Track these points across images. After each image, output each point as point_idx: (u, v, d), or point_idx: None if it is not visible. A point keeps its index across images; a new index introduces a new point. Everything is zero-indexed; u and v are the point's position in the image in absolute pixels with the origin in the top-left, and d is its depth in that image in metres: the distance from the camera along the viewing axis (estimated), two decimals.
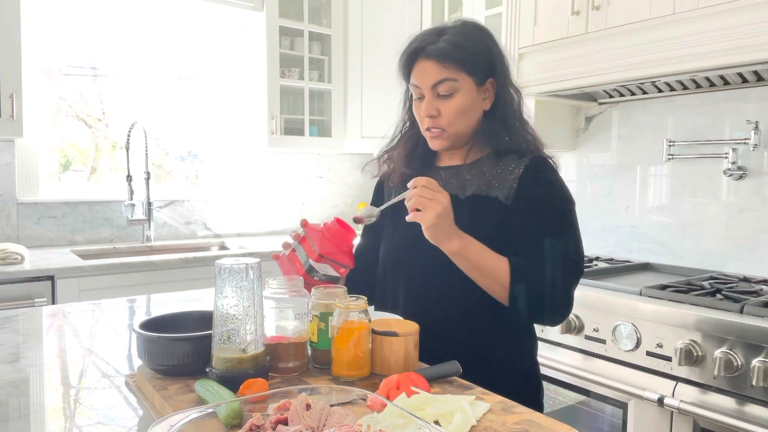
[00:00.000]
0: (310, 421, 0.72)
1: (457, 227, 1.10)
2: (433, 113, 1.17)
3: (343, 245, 1.18)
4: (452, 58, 1.14)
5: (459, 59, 1.15)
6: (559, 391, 1.88)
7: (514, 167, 1.19)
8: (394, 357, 1.01)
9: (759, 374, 1.41)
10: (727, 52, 1.66)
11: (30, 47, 2.58)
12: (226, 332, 0.93)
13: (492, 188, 1.18)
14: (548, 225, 1.14)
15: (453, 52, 1.14)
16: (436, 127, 1.19)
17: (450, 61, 1.14)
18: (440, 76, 1.15)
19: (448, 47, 1.15)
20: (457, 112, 1.17)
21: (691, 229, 2.23)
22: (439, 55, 1.15)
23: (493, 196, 1.18)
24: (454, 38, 1.16)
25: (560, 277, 1.12)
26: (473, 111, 1.19)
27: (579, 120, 2.61)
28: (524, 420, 0.84)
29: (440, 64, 1.15)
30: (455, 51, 1.14)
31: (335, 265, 1.17)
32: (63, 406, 0.93)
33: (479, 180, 1.20)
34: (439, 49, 1.15)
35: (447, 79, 1.15)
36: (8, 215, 2.61)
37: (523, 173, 1.17)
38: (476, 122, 1.21)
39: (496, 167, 1.20)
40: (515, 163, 1.19)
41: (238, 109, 3.29)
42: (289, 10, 3.13)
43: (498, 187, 1.18)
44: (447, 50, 1.14)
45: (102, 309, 1.61)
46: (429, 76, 1.16)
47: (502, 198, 1.17)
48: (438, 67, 1.15)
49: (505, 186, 1.17)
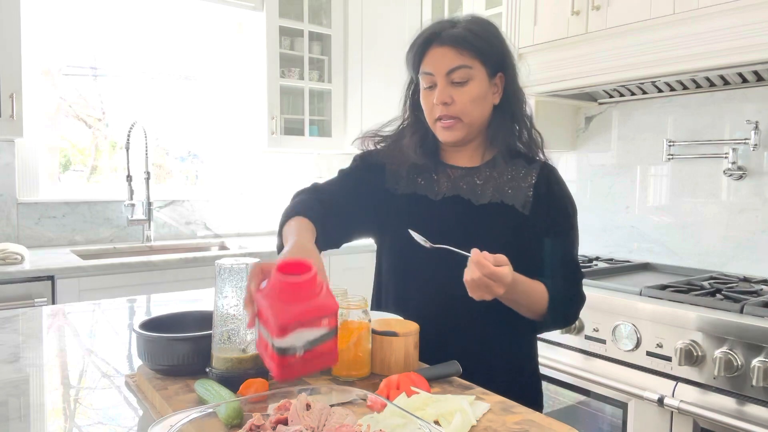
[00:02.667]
0: (310, 421, 0.72)
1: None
2: (447, 100, 1.15)
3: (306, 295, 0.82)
4: (469, 45, 1.14)
5: (475, 47, 1.14)
6: (559, 391, 1.88)
7: (525, 174, 1.21)
8: (394, 357, 1.01)
9: (759, 374, 1.41)
10: (727, 52, 1.66)
11: (30, 47, 2.58)
12: (226, 332, 0.93)
13: (506, 196, 1.19)
14: (565, 235, 1.21)
15: (470, 39, 1.14)
16: (450, 116, 1.17)
17: (466, 48, 1.14)
18: (456, 62, 1.14)
19: (465, 33, 1.14)
20: (471, 100, 1.15)
21: (691, 229, 2.23)
22: (456, 41, 1.14)
23: (509, 204, 1.19)
24: (470, 26, 1.16)
25: (576, 284, 1.21)
26: (485, 103, 1.18)
27: (579, 120, 2.61)
28: (524, 420, 0.84)
29: (456, 50, 1.14)
30: (472, 38, 1.14)
31: (311, 324, 0.82)
32: (63, 406, 0.93)
33: (491, 185, 1.20)
34: (456, 35, 1.14)
35: (463, 65, 1.14)
36: (8, 215, 2.60)
37: (536, 182, 1.20)
38: (487, 116, 1.20)
39: (505, 172, 1.21)
40: (525, 169, 1.21)
41: (238, 109, 3.29)
42: (289, 10, 3.13)
43: (512, 194, 1.19)
44: (465, 36, 1.14)
45: (102, 309, 1.61)
46: (444, 62, 1.15)
47: (518, 207, 1.19)
48: (454, 53, 1.14)
49: (520, 194, 1.19)
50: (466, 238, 1.14)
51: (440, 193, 1.23)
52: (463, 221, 1.19)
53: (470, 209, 1.19)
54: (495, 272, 0.98)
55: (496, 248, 1.10)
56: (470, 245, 1.07)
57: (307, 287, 0.83)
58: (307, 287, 0.82)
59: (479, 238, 1.15)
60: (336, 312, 0.85)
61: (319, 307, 0.82)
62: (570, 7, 2.04)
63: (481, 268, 0.98)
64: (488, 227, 1.17)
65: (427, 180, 1.25)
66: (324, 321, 0.83)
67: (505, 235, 1.16)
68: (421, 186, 1.24)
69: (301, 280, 0.82)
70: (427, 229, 1.12)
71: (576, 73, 2.05)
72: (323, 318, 0.82)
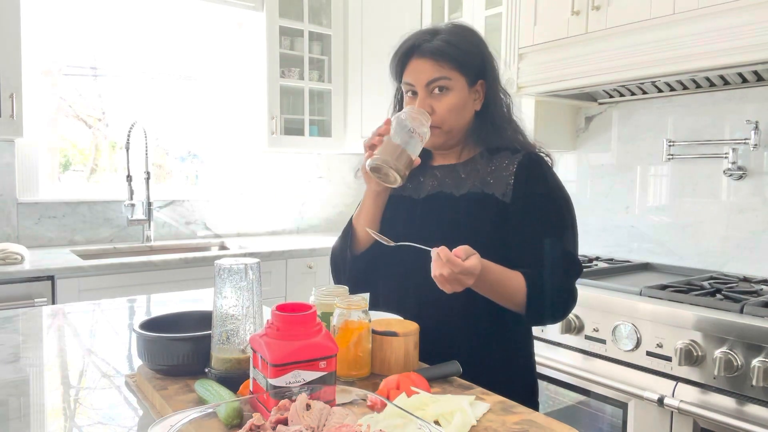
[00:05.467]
0: (310, 421, 0.72)
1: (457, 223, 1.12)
2: (427, 110, 1.18)
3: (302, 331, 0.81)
4: (447, 57, 1.16)
5: (454, 58, 1.16)
6: (559, 391, 1.88)
7: (507, 163, 1.20)
8: (394, 357, 1.02)
9: (759, 374, 1.41)
10: (727, 52, 1.66)
11: (30, 47, 2.58)
12: (225, 332, 0.93)
13: (487, 185, 1.19)
14: (549, 223, 1.16)
15: (448, 51, 1.16)
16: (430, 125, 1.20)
17: (445, 60, 1.16)
18: (435, 74, 1.17)
19: (443, 45, 1.16)
20: (449, 110, 1.18)
21: (691, 229, 2.23)
22: (434, 53, 1.16)
23: (489, 193, 1.19)
24: (449, 38, 1.18)
25: (564, 276, 1.15)
26: (465, 110, 1.21)
27: (579, 120, 2.61)
28: (524, 420, 0.84)
29: (435, 63, 1.17)
30: (450, 50, 1.16)
31: (310, 366, 0.80)
32: (63, 406, 0.93)
33: (474, 177, 1.21)
34: (435, 48, 1.16)
35: (441, 77, 1.17)
36: (8, 215, 2.60)
37: (517, 169, 1.18)
38: (468, 122, 1.23)
39: (489, 164, 1.21)
40: (508, 159, 1.21)
41: (238, 109, 3.29)
42: (289, 10, 3.13)
43: (493, 184, 1.19)
44: (443, 49, 1.16)
45: (102, 309, 1.61)
46: (424, 74, 1.18)
47: (498, 195, 1.18)
48: (433, 65, 1.17)
49: (501, 183, 1.19)
50: (448, 230, 1.17)
51: (424, 192, 1.26)
52: (445, 214, 1.21)
53: (452, 201, 1.20)
54: (465, 267, 0.99)
55: (478, 238, 1.12)
56: (452, 237, 1.10)
57: (312, 321, 0.83)
58: (311, 321, 0.83)
59: (461, 228, 1.17)
60: (335, 354, 0.83)
61: (325, 346, 0.82)
62: (570, 7, 2.04)
63: (452, 266, 0.99)
64: (470, 217, 1.18)
65: (414, 184, 1.29)
66: (321, 364, 0.81)
67: (487, 224, 1.17)
68: (408, 189, 1.29)
69: (306, 316, 0.82)
70: (409, 226, 1.14)
71: (576, 73, 2.05)
72: (322, 361, 0.81)
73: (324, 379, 0.81)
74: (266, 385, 0.79)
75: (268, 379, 0.78)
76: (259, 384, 0.82)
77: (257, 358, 0.82)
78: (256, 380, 0.83)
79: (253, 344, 0.83)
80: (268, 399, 0.78)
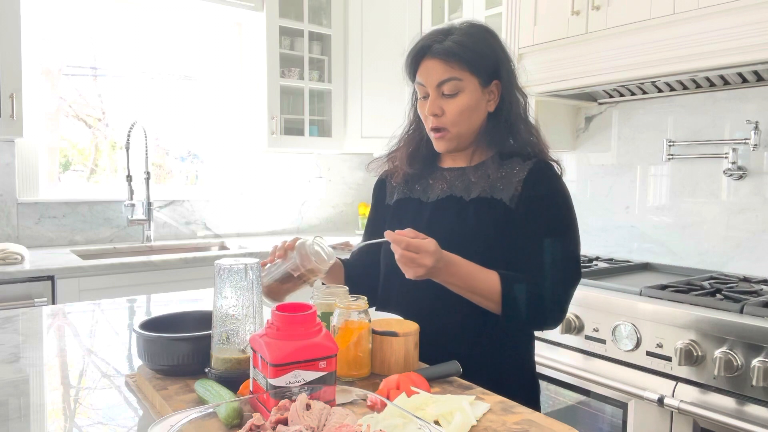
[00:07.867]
0: (310, 421, 0.72)
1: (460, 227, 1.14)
2: (437, 112, 1.19)
3: (302, 332, 0.82)
4: (458, 58, 1.15)
5: (464, 59, 1.16)
6: (559, 391, 1.88)
7: (518, 170, 1.19)
8: (394, 357, 1.02)
9: (759, 374, 1.41)
10: (727, 52, 1.66)
11: (30, 47, 2.58)
12: (225, 333, 0.93)
13: (496, 190, 1.19)
14: (548, 227, 1.15)
15: (459, 52, 1.15)
16: (440, 126, 1.20)
17: (455, 61, 1.16)
18: (445, 75, 1.16)
19: (454, 47, 1.16)
20: (460, 112, 1.18)
21: (691, 229, 2.23)
22: (444, 54, 1.16)
23: (497, 198, 1.19)
24: (461, 38, 1.17)
25: (560, 280, 1.13)
26: (477, 112, 1.20)
27: (579, 120, 2.61)
28: (524, 420, 0.84)
29: (446, 63, 1.16)
30: (461, 51, 1.15)
31: (310, 366, 0.81)
32: (63, 406, 0.93)
33: (484, 182, 1.21)
34: (445, 49, 1.16)
35: (452, 78, 1.16)
36: (8, 215, 2.60)
37: (527, 176, 1.18)
38: (480, 123, 1.22)
39: (500, 170, 1.20)
40: (519, 166, 1.20)
41: (238, 109, 3.29)
42: (289, 10, 3.13)
43: (502, 189, 1.19)
44: (453, 50, 1.15)
45: (102, 309, 1.61)
46: (434, 74, 1.18)
47: (506, 200, 1.18)
48: (443, 66, 1.16)
49: (510, 188, 1.18)
50: (454, 233, 1.17)
51: (434, 195, 1.26)
52: (452, 218, 1.21)
53: (461, 205, 1.20)
54: (411, 243, 1.01)
55: (482, 242, 1.13)
56: (458, 240, 1.12)
57: (312, 321, 0.83)
58: (311, 321, 0.83)
59: (467, 232, 1.17)
60: (335, 354, 0.83)
61: (325, 346, 0.82)
62: (570, 7, 2.04)
63: (398, 243, 1.02)
64: (476, 221, 1.18)
65: (423, 186, 1.29)
66: (321, 364, 0.82)
67: (492, 229, 1.17)
68: (417, 191, 1.29)
69: (305, 316, 0.82)
70: (416, 228, 1.14)
71: (576, 73, 2.05)
72: (322, 361, 0.81)
73: (324, 379, 0.82)
74: (266, 385, 0.80)
75: (268, 379, 0.79)
76: (259, 384, 0.83)
77: (257, 358, 0.83)
78: (256, 380, 0.84)
79: (253, 344, 0.84)
80: (268, 399, 0.78)
